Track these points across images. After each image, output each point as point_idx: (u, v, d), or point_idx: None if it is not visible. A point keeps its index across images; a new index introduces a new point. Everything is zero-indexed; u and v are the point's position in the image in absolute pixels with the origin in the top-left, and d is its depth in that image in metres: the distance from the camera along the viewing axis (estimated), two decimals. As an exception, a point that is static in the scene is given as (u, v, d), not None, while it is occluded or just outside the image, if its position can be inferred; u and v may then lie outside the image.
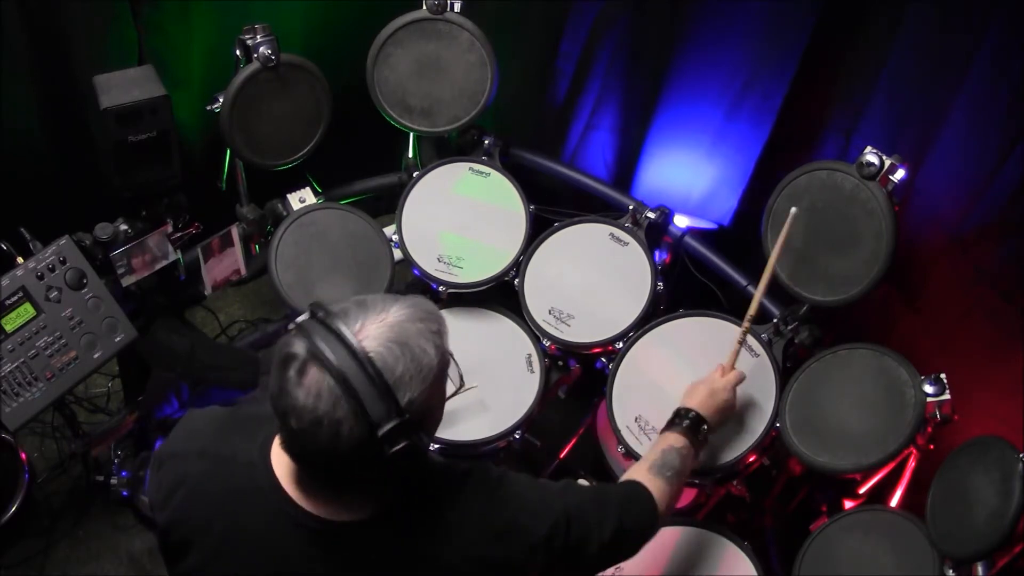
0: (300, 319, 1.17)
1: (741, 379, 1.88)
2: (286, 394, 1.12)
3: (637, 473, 1.58)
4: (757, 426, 1.97)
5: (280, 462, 1.26)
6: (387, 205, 3.00)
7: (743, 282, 2.45)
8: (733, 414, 1.87)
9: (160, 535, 1.35)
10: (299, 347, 1.13)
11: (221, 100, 2.17)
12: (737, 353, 1.93)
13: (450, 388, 1.26)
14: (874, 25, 2.12)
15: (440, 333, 1.20)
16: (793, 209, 1.94)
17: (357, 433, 1.11)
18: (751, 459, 1.98)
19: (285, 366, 1.13)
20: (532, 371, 2.24)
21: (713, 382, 1.83)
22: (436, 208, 2.37)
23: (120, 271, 2.10)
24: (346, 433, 1.11)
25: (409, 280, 2.71)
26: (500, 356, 2.27)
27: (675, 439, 1.67)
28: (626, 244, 2.29)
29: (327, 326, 1.14)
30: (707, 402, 1.77)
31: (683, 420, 1.72)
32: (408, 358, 1.14)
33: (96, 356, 2.00)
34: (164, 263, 2.19)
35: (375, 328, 1.15)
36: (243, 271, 2.52)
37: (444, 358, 1.20)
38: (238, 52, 2.18)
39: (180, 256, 2.29)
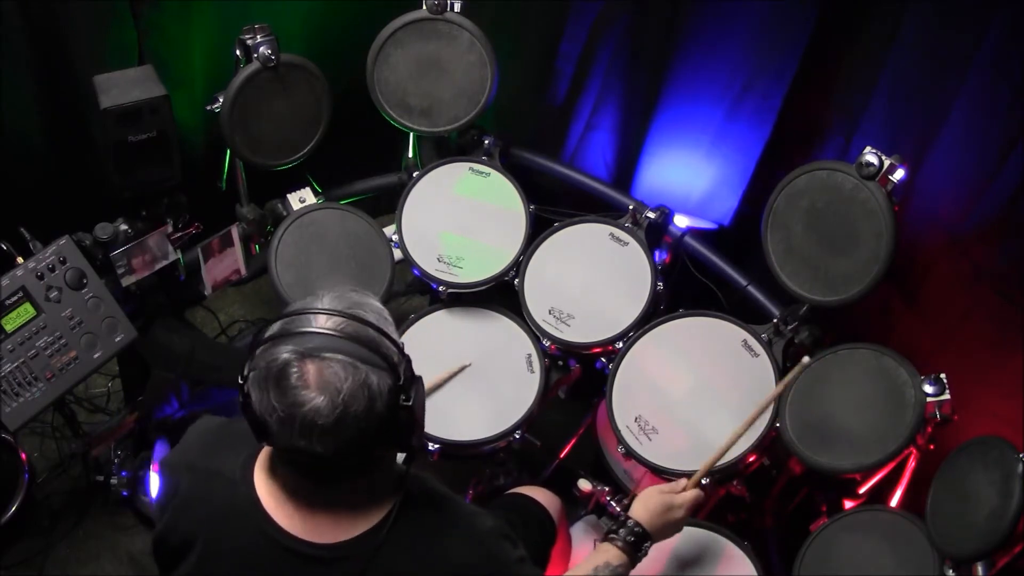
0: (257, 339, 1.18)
1: (699, 501, 1.75)
2: (300, 403, 1.11)
3: None
4: (757, 426, 1.97)
5: (263, 481, 1.26)
6: (387, 205, 3.00)
7: (743, 282, 2.45)
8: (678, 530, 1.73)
9: (153, 544, 1.36)
10: (285, 353, 1.13)
11: (221, 100, 2.16)
12: (703, 474, 1.82)
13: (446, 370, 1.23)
14: (874, 25, 2.12)
15: (370, 295, 1.28)
16: (806, 359, 1.87)
17: (385, 382, 1.15)
18: (751, 459, 1.98)
19: (283, 376, 1.12)
20: (532, 371, 2.24)
21: (672, 499, 1.68)
22: (436, 208, 2.37)
23: (120, 271, 2.10)
24: (376, 386, 1.14)
25: (409, 280, 2.72)
26: (500, 356, 2.27)
27: (614, 555, 1.56)
28: (626, 244, 2.29)
29: (292, 329, 1.16)
30: (658, 519, 1.64)
31: (628, 534, 1.59)
32: (373, 312, 1.22)
33: (96, 356, 2.00)
34: (164, 263, 2.19)
35: (329, 303, 1.20)
36: (243, 271, 2.52)
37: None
38: (238, 52, 2.18)
39: (180, 256, 2.29)
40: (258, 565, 1.25)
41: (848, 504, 1.95)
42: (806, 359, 1.87)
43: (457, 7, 2.32)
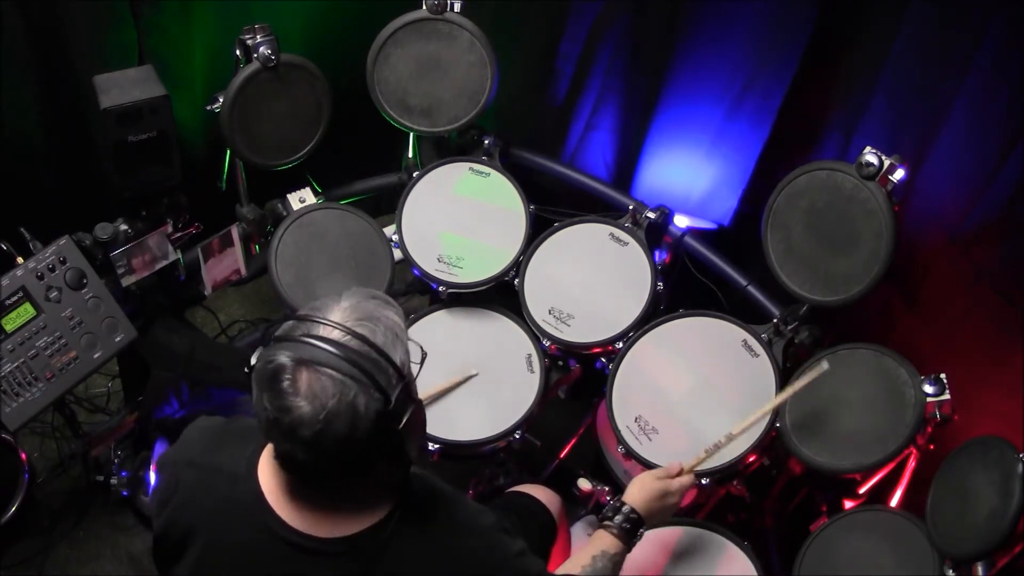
0: (260, 351, 1.18)
1: (694, 486, 1.77)
2: (287, 410, 1.13)
3: None
4: (757, 426, 1.97)
5: (267, 476, 1.27)
6: (387, 205, 3.00)
7: (743, 282, 2.45)
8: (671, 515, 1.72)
9: (154, 541, 1.37)
10: (283, 357, 1.14)
11: (221, 100, 2.17)
12: (701, 460, 1.80)
13: (453, 378, 1.24)
14: (874, 25, 2.12)
15: (391, 302, 1.25)
16: (824, 364, 1.84)
17: (373, 406, 1.14)
18: (751, 459, 1.98)
19: (276, 380, 1.13)
20: (532, 371, 2.24)
21: (667, 484, 1.67)
22: (436, 208, 2.36)
23: (120, 271, 2.10)
24: (363, 410, 1.13)
25: (409, 280, 2.72)
26: (500, 356, 2.26)
27: (610, 543, 1.55)
28: (626, 244, 2.29)
29: (296, 333, 1.16)
30: (653, 505, 1.63)
31: (624, 520, 1.58)
32: (382, 327, 1.19)
33: (96, 356, 2.00)
34: (164, 263, 2.19)
35: (340, 315, 1.18)
36: (243, 271, 2.52)
37: (403, 321, 1.25)
38: (238, 52, 2.18)
39: (180, 256, 2.29)
40: (261, 559, 1.25)
41: (848, 504, 1.95)
42: (825, 364, 1.83)
43: (457, 7, 2.32)
